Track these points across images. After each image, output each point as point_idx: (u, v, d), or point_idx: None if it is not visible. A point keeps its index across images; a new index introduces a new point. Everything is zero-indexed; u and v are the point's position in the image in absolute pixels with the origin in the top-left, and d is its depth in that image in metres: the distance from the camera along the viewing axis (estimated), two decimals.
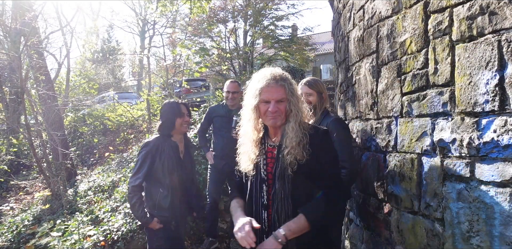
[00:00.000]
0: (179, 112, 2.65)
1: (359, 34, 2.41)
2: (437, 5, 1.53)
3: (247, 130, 1.64)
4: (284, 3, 18.80)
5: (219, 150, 3.71)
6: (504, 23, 1.22)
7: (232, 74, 18.51)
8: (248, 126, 1.63)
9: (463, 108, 1.38)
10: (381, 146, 2.07)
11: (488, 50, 1.27)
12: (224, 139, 3.66)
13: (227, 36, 19.13)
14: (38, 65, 7.68)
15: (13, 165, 9.32)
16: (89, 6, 29.28)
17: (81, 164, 9.51)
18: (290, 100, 1.54)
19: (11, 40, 6.65)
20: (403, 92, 1.81)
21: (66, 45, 10.20)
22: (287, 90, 1.54)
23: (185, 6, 7.20)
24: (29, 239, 4.80)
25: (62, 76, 11.94)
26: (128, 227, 3.83)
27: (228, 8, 18.34)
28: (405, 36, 1.79)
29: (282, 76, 1.57)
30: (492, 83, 1.25)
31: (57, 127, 7.70)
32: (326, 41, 25.84)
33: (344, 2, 2.85)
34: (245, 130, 1.65)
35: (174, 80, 12.79)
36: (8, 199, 7.97)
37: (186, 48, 9.96)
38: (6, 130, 8.87)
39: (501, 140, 1.22)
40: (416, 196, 1.69)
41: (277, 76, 1.56)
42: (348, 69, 2.77)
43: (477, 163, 1.32)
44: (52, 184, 6.33)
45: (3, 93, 8.68)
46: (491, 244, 1.25)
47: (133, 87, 25.47)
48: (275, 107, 1.52)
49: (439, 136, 1.52)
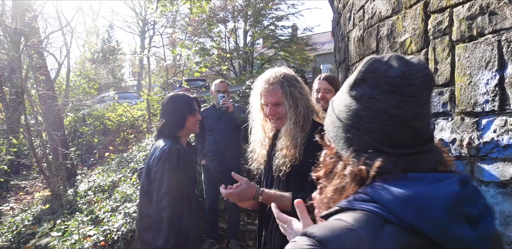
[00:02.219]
0: (192, 108, 2.05)
1: (359, 34, 2.41)
2: (437, 5, 1.53)
3: (256, 130, 1.68)
4: (284, 3, 18.83)
5: (211, 151, 3.73)
6: (504, 23, 1.22)
7: (232, 74, 18.53)
8: (257, 126, 1.67)
9: (463, 108, 1.38)
10: None
11: (488, 50, 1.27)
12: (215, 139, 3.68)
13: (227, 36, 19.16)
14: (38, 65, 7.68)
15: (13, 165, 9.32)
16: (89, 6, 29.26)
17: (81, 164, 9.51)
18: (284, 102, 1.54)
19: (11, 40, 6.66)
20: None
21: (66, 45, 10.20)
22: (282, 93, 1.54)
23: (185, 6, 7.21)
24: (29, 239, 4.80)
25: (62, 76, 11.95)
26: (128, 227, 3.83)
27: (228, 8, 18.36)
28: (405, 36, 1.79)
29: (276, 79, 1.56)
30: (492, 83, 1.25)
31: (57, 127, 7.70)
32: (326, 41, 25.85)
33: (344, 2, 2.85)
34: (254, 130, 1.69)
35: (174, 80, 12.81)
36: (8, 199, 7.97)
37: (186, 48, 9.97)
38: (6, 129, 8.87)
39: (501, 140, 1.22)
40: None
41: (271, 79, 1.55)
42: (348, 69, 2.77)
43: (477, 163, 1.32)
44: (52, 184, 6.33)
45: (3, 93, 8.67)
46: None
47: (133, 87, 25.49)
48: (272, 111, 1.55)
49: (439, 136, 1.52)
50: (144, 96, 9.98)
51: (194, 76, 15.84)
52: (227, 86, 3.86)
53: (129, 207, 4.20)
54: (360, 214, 0.60)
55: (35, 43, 7.18)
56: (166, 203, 1.85)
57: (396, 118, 0.65)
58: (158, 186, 1.89)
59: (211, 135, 3.74)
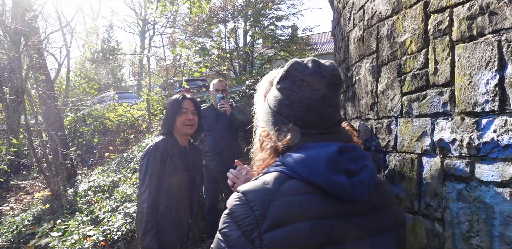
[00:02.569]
0: (179, 108, 2.19)
1: (359, 34, 2.41)
2: (437, 5, 1.53)
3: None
4: (284, 3, 18.81)
5: (210, 151, 3.72)
6: (504, 23, 1.22)
7: (232, 74, 18.53)
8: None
9: (463, 108, 1.38)
10: (381, 146, 2.07)
11: (488, 50, 1.27)
12: (214, 139, 3.67)
13: (227, 36, 19.14)
14: (38, 65, 7.68)
15: (13, 165, 9.32)
16: (89, 6, 29.31)
17: (81, 164, 9.51)
18: None
19: (11, 40, 6.65)
20: (403, 92, 1.81)
21: (66, 45, 10.21)
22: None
23: (185, 6, 7.21)
24: (29, 239, 4.80)
25: (62, 76, 11.95)
26: (128, 227, 3.83)
27: (228, 8, 18.35)
28: (405, 36, 1.79)
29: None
30: (492, 83, 1.25)
31: (57, 127, 7.70)
32: (326, 41, 25.85)
33: (344, 2, 2.85)
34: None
35: (174, 80, 12.80)
36: (8, 199, 7.97)
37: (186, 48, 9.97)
38: (6, 129, 8.87)
39: (501, 140, 1.22)
40: (416, 196, 1.69)
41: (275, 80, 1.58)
42: (348, 69, 2.77)
43: (477, 163, 1.32)
44: (52, 184, 6.33)
45: (3, 93, 8.67)
46: (491, 244, 1.25)
47: (133, 87, 25.47)
48: None
49: (439, 136, 1.52)
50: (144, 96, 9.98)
51: (194, 76, 15.83)
52: (226, 85, 3.86)
53: (129, 207, 4.20)
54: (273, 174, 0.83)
55: (35, 43, 7.18)
56: (146, 195, 2.00)
57: (307, 106, 0.85)
58: (142, 178, 2.06)
59: (210, 135, 3.73)
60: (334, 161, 0.79)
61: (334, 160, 0.79)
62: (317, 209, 0.77)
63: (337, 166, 0.79)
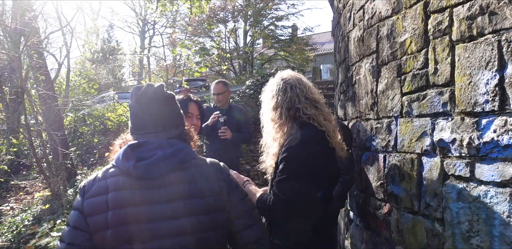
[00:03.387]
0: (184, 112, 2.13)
1: (359, 34, 2.41)
2: (437, 5, 1.53)
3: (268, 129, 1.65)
4: (284, 3, 18.84)
5: (211, 151, 3.72)
6: (504, 23, 1.22)
7: (232, 74, 18.53)
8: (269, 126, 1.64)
9: (463, 108, 1.38)
10: (381, 146, 2.07)
11: (488, 50, 1.27)
12: (216, 139, 3.66)
13: (227, 36, 19.15)
14: (38, 65, 7.68)
15: (13, 165, 9.32)
16: (89, 6, 29.28)
17: (81, 164, 9.51)
18: None
19: (11, 40, 6.65)
20: (403, 92, 1.81)
21: (66, 45, 10.20)
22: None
23: (185, 6, 7.21)
24: (29, 239, 4.80)
25: (62, 76, 11.94)
26: None
27: (228, 8, 18.35)
28: (405, 36, 1.79)
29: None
30: (492, 83, 1.25)
31: (57, 127, 7.69)
32: (326, 41, 25.84)
33: (344, 2, 2.85)
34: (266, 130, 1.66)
35: (174, 80, 12.80)
36: (8, 199, 7.97)
37: (186, 48, 9.97)
38: (6, 130, 8.87)
39: (501, 140, 1.22)
40: (416, 196, 1.69)
41: None
42: (348, 69, 2.77)
43: (477, 163, 1.32)
44: (52, 184, 6.33)
45: (3, 93, 8.67)
46: (491, 244, 1.25)
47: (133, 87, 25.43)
48: None
49: (439, 136, 1.52)
50: None
51: (194, 76, 15.83)
52: (224, 86, 3.84)
53: None
54: None
55: (35, 43, 7.18)
56: None
57: (133, 114, 1.25)
58: None
59: (212, 135, 3.73)
60: (126, 153, 1.17)
61: (126, 152, 1.17)
62: (116, 185, 1.14)
63: (129, 155, 1.16)
